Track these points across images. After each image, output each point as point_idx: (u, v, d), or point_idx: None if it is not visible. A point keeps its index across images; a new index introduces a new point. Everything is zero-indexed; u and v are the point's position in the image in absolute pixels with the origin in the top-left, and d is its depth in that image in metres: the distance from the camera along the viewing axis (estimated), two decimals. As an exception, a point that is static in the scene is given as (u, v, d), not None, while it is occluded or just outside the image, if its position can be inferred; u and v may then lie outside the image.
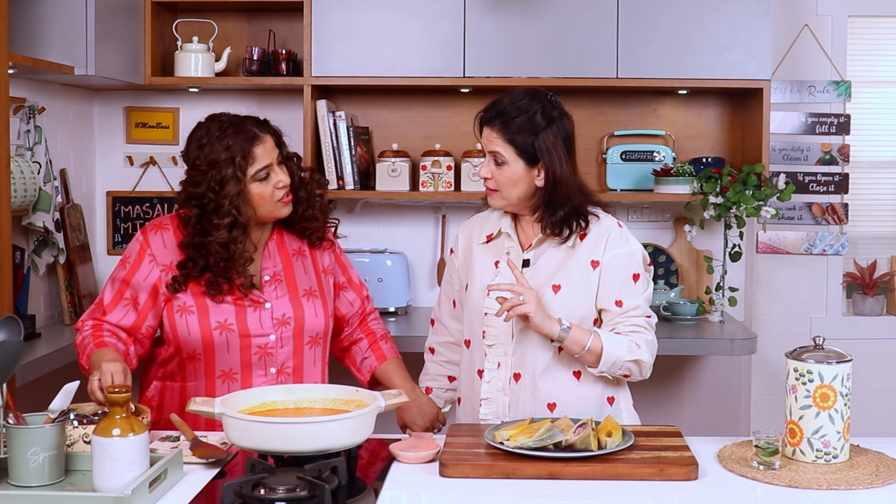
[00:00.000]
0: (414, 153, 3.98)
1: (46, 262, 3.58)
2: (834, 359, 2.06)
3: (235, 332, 2.40)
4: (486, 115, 2.37)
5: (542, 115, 2.32)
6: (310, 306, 2.47)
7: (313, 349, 2.49)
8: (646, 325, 2.36)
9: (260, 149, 2.38)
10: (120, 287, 2.44)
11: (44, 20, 3.31)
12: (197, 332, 2.39)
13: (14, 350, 1.97)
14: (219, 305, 2.40)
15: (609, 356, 2.29)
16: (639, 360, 2.33)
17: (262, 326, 2.42)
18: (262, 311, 2.43)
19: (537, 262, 2.39)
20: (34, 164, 3.37)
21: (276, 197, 2.41)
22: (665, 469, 1.97)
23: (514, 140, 2.32)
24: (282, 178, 2.41)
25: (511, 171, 2.33)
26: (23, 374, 2.96)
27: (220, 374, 2.42)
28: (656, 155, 3.98)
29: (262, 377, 2.42)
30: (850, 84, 4.20)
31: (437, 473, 2.01)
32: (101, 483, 1.82)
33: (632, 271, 2.36)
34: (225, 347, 2.40)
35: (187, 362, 2.44)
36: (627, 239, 2.39)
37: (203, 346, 2.40)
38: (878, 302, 4.30)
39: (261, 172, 2.38)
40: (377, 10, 3.73)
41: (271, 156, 2.40)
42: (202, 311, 2.39)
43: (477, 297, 2.41)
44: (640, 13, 3.69)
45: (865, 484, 1.94)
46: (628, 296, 2.35)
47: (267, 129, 2.43)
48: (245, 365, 2.42)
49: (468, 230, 2.53)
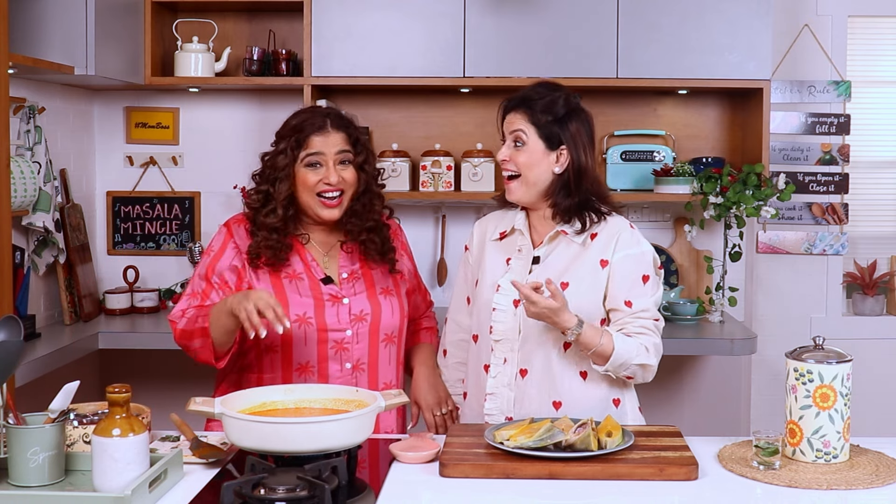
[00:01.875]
0: (414, 153, 3.98)
1: (46, 262, 3.58)
2: (834, 359, 2.05)
3: (314, 326, 2.40)
4: (510, 103, 2.42)
5: (564, 101, 2.37)
6: (387, 304, 2.49)
7: (388, 347, 2.49)
8: (654, 328, 2.36)
9: (320, 139, 2.40)
10: (208, 275, 2.44)
11: (44, 20, 3.31)
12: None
13: (14, 350, 1.97)
14: (300, 298, 2.41)
15: (618, 357, 2.29)
16: (645, 364, 2.33)
17: (340, 321, 2.42)
18: (339, 307, 2.43)
19: (547, 259, 2.39)
20: (34, 164, 3.37)
21: (318, 189, 2.41)
22: (665, 469, 1.97)
23: (537, 121, 2.36)
24: (332, 176, 2.40)
25: (530, 151, 2.36)
26: (23, 374, 2.96)
27: (298, 367, 2.42)
28: (656, 155, 3.98)
29: (337, 371, 2.42)
30: (850, 84, 4.20)
31: (437, 473, 2.01)
32: (101, 483, 1.82)
33: (641, 272, 2.36)
34: (303, 340, 2.41)
35: (265, 354, 2.44)
36: (638, 240, 2.39)
37: (281, 338, 2.40)
38: (878, 302, 4.30)
39: (311, 157, 2.39)
40: (377, 10, 3.73)
41: (331, 150, 2.41)
42: (282, 303, 2.37)
43: (486, 293, 2.42)
44: (640, 13, 3.69)
45: (865, 484, 1.94)
46: (638, 297, 2.35)
47: (340, 126, 2.44)
48: (322, 358, 2.42)
49: (483, 227, 2.55)
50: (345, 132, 2.44)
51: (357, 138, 2.46)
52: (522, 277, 2.37)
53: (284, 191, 2.41)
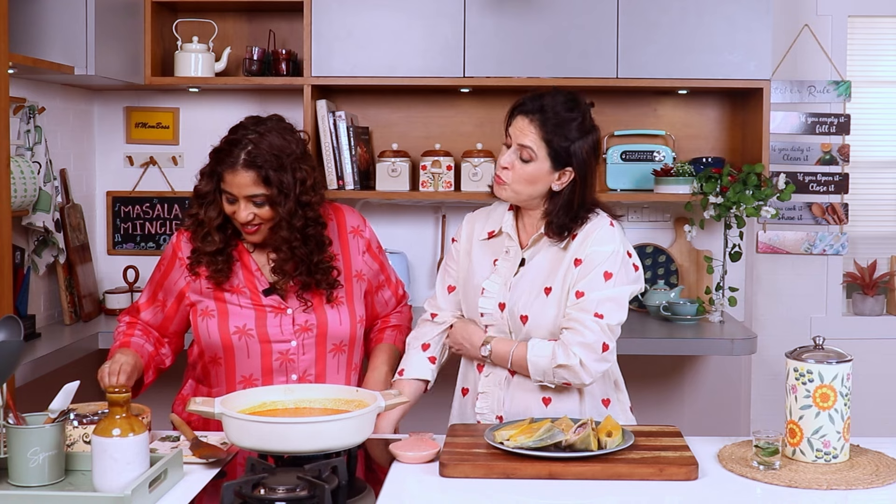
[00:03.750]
0: (414, 153, 3.98)
1: (46, 262, 3.58)
2: (834, 359, 2.05)
3: (255, 338, 2.38)
4: (526, 106, 2.32)
5: (581, 124, 2.30)
6: (333, 313, 2.43)
7: (337, 356, 2.45)
8: (590, 323, 2.25)
9: (230, 177, 2.31)
10: (154, 289, 2.50)
11: (44, 20, 3.31)
12: (217, 335, 2.38)
13: (14, 350, 1.97)
14: (240, 310, 2.39)
15: (535, 366, 2.28)
16: (565, 364, 2.25)
17: (283, 332, 2.39)
18: (283, 317, 2.40)
19: (531, 263, 2.38)
20: (34, 164, 3.37)
21: (236, 219, 2.36)
22: (665, 469, 1.97)
23: (550, 140, 2.28)
24: (241, 214, 2.32)
25: (534, 169, 2.30)
26: (23, 374, 2.96)
27: (241, 380, 2.40)
28: (656, 155, 3.98)
29: (283, 384, 2.37)
30: (850, 84, 4.20)
31: (437, 473, 2.01)
32: (101, 483, 1.82)
33: (604, 268, 2.28)
34: (245, 352, 2.39)
35: (210, 367, 2.44)
36: (612, 238, 2.32)
37: (223, 350, 2.39)
38: (878, 302, 4.30)
39: (225, 193, 2.34)
40: (377, 10, 3.73)
41: (241, 192, 2.30)
42: (222, 315, 2.39)
43: (473, 296, 2.42)
44: (640, 13, 3.69)
45: (865, 484, 1.94)
46: (591, 290, 2.27)
47: (250, 165, 2.28)
48: (266, 371, 2.40)
49: (471, 223, 2.51)
50: (255, 171, 2.28)
51: (267, 176, 2.29)
52: (508, 280, 2.37)
53: (215, 217, 2.37)
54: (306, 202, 2.35)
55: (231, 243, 2.42)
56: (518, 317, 2.34)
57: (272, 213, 2.33)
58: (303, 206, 2.34)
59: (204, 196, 2.38)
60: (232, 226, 2.40)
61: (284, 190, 2.31)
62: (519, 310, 2.34)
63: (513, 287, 2.36)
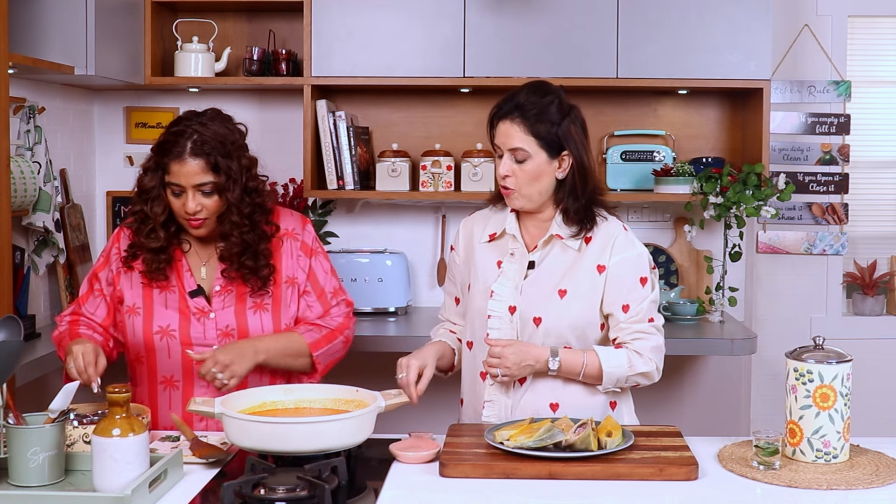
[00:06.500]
0: (414, 153, 3.98)
1: (46, 262, 3.57)
2: (834, 359, 2.06)
3: (177, 339, 2.40)
4: (502, 110, 2.35)
5: (559, 104, 2.33)
6: (255, 319, 2.43)
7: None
8: (650, 329, 2.34)
9: (177, 167, 2.33)
10: (92, 280, 2.50)
11: (44, 20, 3.31)
12: (140, 334, 2.41)
13: (14, 350, 1.97)
14: (165, 311, 2.41)
15: (610, 376, 2.31)
16: (643, 371, 2.33)
17: (206, 336, 2.41)
18: (206, 321, 2.42)
19: (542, 265, 2.37)
20: (34, 164, 3.37)
21: (181, 213, 2.37)
22: (665, 469, 1.97)
23: (536, 131, 2.30)
24: (189, 204, 2.34)
25: (533, 166, 2.31)
26: (23, 374, 2.95)
27: (162, 381, 2.43)
28: (656, 155, 3.98)
29: (203, 387, 2.39)
30: (850, 84, 4.20)
31: (437, 473, 2.01)
32: (101, 483, 1.82)
33: (639, 275, 2.35)
34: (166, 353, 2.41)
35: (135, 364, 2.47)
36: (633, 242, 2.37)
37: (145, 349, 2.42)
38: (878, 302, 4.30)
39: (171, 186, 2.35)
40: (377, 10, 3.73)
41: (189, 181, 2.32)
42: (147, 314, 2.41)
43: (479, 300, 2.39)
44: (640, 13, 3.69)
45: (865, 484, 1.94)
46: (635, 301, 2.34)
47: (199, 153, 2.33)
48: (187, 373, 2.41)
49: (469, 228, 2.51)
50: (203, 159, 2.33)
51: (216, 162, 2.34)
52: (517, 283, 2.36)
53: (160, 213, 2.38)
54: (253, 188, 2.40)
55: (173, 242, 2.44)
56: (530, 319, 2.33)
57: (219, 203, 2.37)
58: (249, 193, 2.40)
59: (148, 191, 2.39)
60: (175, 224, 2.42)
61: (233, 176, 2.36)
62: (532, 312, 2.33)
63: (523, 290, 2.35)
